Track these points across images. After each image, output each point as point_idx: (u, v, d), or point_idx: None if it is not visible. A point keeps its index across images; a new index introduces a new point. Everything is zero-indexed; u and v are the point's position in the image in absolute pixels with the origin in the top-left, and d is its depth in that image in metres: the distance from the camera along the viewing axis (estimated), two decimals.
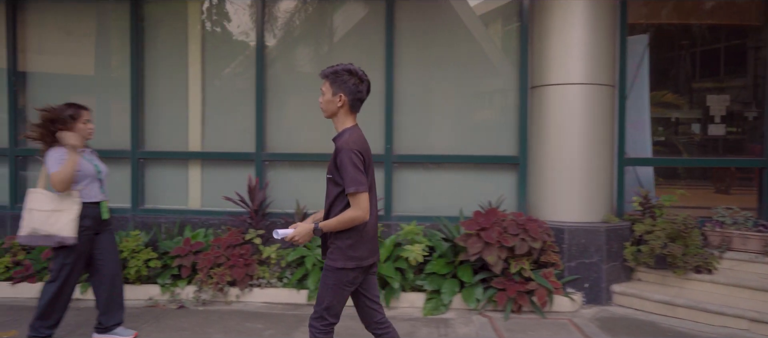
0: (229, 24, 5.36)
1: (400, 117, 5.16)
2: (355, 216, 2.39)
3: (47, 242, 3.27)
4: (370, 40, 5.20)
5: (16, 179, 5.41)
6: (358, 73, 2.52)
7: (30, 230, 3.27)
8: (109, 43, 5.43)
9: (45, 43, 5.47)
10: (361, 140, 2.48)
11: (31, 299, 4.64)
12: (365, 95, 2.56)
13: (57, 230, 3.22)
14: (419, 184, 5.20)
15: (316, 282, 4.46)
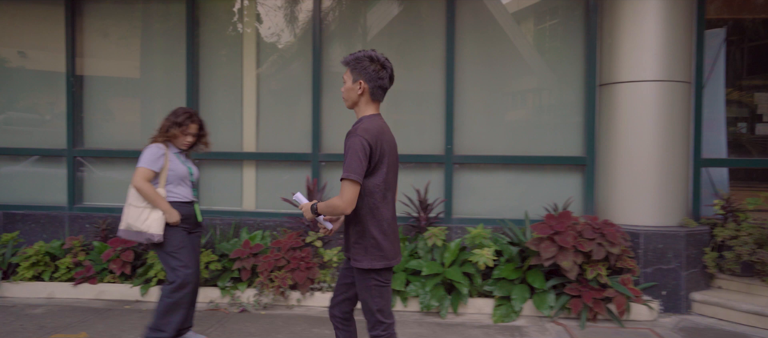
0: (284, 24, 5.28)
1: (461, 117, 5.01)
2: (336, 205, 2.26)
3: (139, 239, 3.25)
4: (430, 39, 5.06)
5: (74, 180, 5.42)
6: (380, 59, 2.39)
7: (126, 225, 3.28)
8: (164, 46, 5.40)
9: (101, 48, 5.48)
10: (378, 131, 2.32)
11: (92, 300, 4.64)
12: (388, 84, 2.40)
13: (146, 227, 3.20)
14: (480, 185, 5.04)
15: None
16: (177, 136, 3.32)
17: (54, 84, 5.46)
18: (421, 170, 5.08)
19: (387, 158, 2.33)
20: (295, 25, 5.27)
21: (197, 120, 3.40)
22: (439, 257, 4.51)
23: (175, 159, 3.35)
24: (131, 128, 5.48)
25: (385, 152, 2.32)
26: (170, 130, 3.31)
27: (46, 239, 5.36)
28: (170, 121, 3.32)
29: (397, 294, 4.38)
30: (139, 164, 3.25)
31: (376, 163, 2.28)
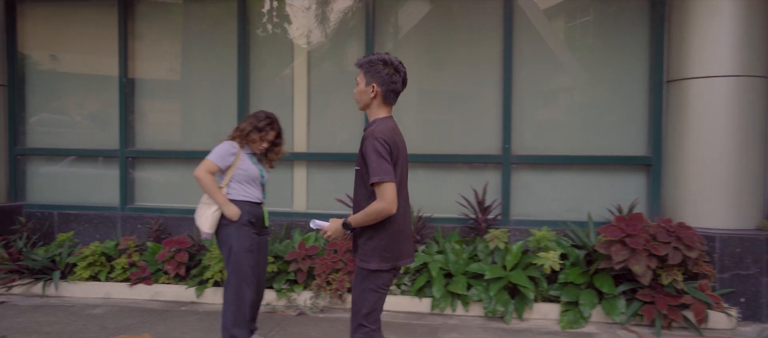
0: (336, 22, 5.20)
1: (519, 115, 4.85)
2: (380, 208, 2.22)
3: (201, 236, 3.25)
4: (488, 37, 4.91)
5: (126, 180, 5.44)
6: (393, 63, 2.37)
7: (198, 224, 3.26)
8: (215, 47, 5.37)
9: (152, 50, 5.48)
10: (392, 132, 2.32)
11: (149, 301, 4.63)
12: (401, 87, 2.39)
13: (200, 223, 3.18)
14: (539, 186, 4.87)
15: (441, 289, 4.21)
16: (255, 140, 3.26)
17: (105, 86, 5.49)
18: (476, 170, 4.94)
19: (401, 159, 2.34)
20: (346, 24, 5.18)
21: (277, 128, 3.34)
22: (501, 260, 4.36)
23: (247, 159, 3.28)
24: (182, 128, 5.46)
25: (400, 152, 2.33)
26: (250, 134, 3.25)
27: (98, 239, 5.39)
28: (252, 124, 3.26)
29: (458, 298, 4.25)
30: (207, 156, 3.20)
31: (393, 163, 2.28)
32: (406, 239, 2.38)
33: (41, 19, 5.60)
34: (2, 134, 5.50)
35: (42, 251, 5.02)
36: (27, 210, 5.54)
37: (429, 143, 5.00)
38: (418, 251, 4.57)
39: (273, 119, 3.32)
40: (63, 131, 5.63)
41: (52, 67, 5.65)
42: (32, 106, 5.65)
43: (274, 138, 3.34)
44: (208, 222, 3.19)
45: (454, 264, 4.40)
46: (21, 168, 5.66)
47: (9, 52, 5.53)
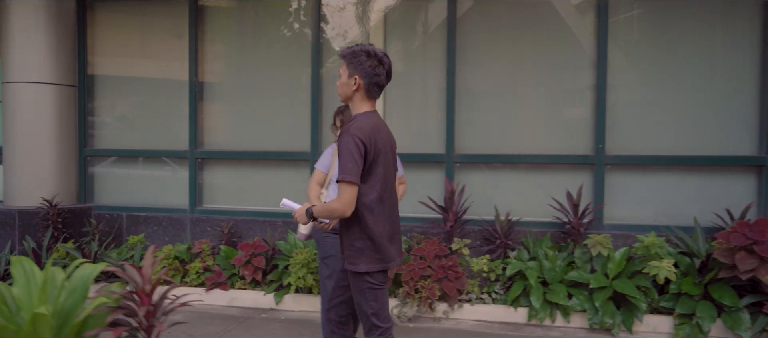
0: (414, 23, 4.97)
1: (614, 114, 4.54)
2: (335, 208, 2.18)
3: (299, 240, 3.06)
4: (582, 33, 4.62)
5: (196, 182, 5.31)
6: (377, 55, 2.29)
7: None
8: (286, 46, 5.21)
9: (222, 52, 5.35)
10: (372, 129, 2.23)
11: (226, 307, 4.47)
12: (384, 80, 2.31)
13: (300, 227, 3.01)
14: (635, 189, 4.54)
15: (540, 299, 3.93)
16: (335, 134, 3.09)
17: (175, 87, 5.39)
18: (567, 171, 4.64)
19: (383, 157, 2.26)
20: (426, 25, 4.95)
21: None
22: (601, 268, 4.06)
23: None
24: (252, 130, 5.31)
25: (380, 150, 2.24)
26: (332, 130, 3.10)
27: (168, 242, 5.27)
28: (340, 120, 3.07)
29: (556, 308, 3.97)
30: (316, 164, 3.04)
31: (372, 162, 2.22)
32: (393, 241, 2.33)
33: (111, 20, 5.53)
34: (72, 135, 5.44)
35: (115, 254, 4.93)
36: (95, 212, 5.47)
37: (515, 143, 4.73)
38: (508, 257, 4.31)
39: (342, 108, 3.09)
40: (132, 133, 5.55)
41: (121, 68, 5.57)
42: (101, 107, 5.59)
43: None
44: (308, 226, 2.99)
45: (548, 271, 4.12)
46: (90, 169, 5.60)
47: (79, 53, 5.48)
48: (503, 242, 4.36)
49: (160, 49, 5.47)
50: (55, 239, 5.04)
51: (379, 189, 2.25)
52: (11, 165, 5.19)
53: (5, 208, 5.09)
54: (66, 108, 5.35)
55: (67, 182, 5.40)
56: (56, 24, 5.19)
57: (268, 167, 5.23)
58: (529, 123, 4.77)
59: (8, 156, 5.19)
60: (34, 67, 5.13)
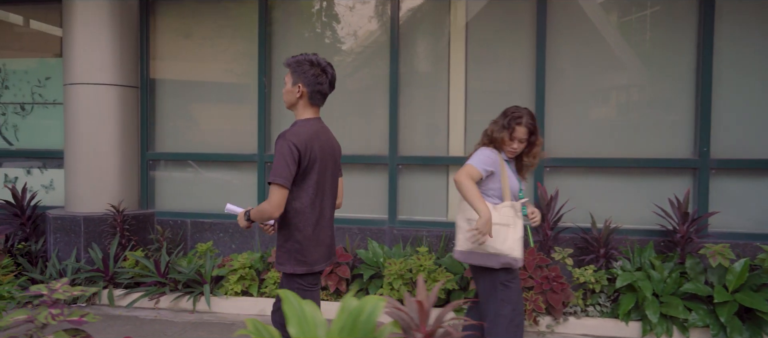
0: (498, 20, 4.73)
1: (720, 115, 4.28)
2: (265, 209, 2.28)
3: (487, 262, 2.66)
4: (684, 33, 4.37)
5: (265, 187, 5.10)
6: (320, 64, 2.40)
7: (471, 246, 2.67)
8: (367, 46, 4.99)
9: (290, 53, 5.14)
10: (310, 135, 2.32)
11: None
12: (327, 89, 2.42)
13: (508, 248, 2.63)
14: (742, 195, 4.29)
15: (656, 313, 3.68)
16: (504, 141, 2.73)
17: (241, 90, 5.18)
18: (666, 175, 4.39)
19: (319, 163, 2.33)
20: (511, 22, 4.71)
21: (527, 123, 2.71)
22: (717, 279, 3.80)
23: (509, 170, 2.77)
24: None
25: (316, 156, 2.31)
26: (495, 133, 2.73)
27: (235, 250, 5.06)
28: (498, 123, 2.75)
29: (671, 321, 3.71)
30: (468, 161, 2.73)
31: (306, 167, 2.30)
32: (319, 245, 2.40)
33: (174, 19, 5.33)
34: (134, 138, 5.24)
35: (184, 262, 4.72)
36: (159, 218, 5.26)
37: (609, 147, 4.48)
38: (612, 267, 4.06)
39: (521, 113, 2.71)
40: (196, 136, 5.34)
41: (185, 68, 5.37)
42: (164, 109, 5.38)
43: (525, 136, 2.73)
44: (520, 247, 2.66)
45: (658, 283, 3.87)
46: (152, 174, 5.40)
47: (142, 53, 5.28)
48: (604, 251, 4.11)
49: (226, 50, 5.26)
50: (123, 247, 4.84)
51: (310, 194, 2.33)
52: (73, 170, 4.99)
53: (69, 214, 4.89)
54: (129, 110, 5.15)
55: (130, 187, 5.19)
56: (119, 24, 4.99)
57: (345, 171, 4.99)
58: (624, 126, 4.51)
59: (70, 160, 4.99)
60: (96, 69, 4.93)
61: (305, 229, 2.34)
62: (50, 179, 5.56)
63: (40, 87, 5.55)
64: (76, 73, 4.94)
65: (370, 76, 4.98)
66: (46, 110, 5.55)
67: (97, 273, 4.64)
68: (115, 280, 4.65)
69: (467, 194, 2.60)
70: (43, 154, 5.54)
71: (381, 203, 4.90)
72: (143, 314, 4.33)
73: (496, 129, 2.74)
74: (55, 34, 5.59)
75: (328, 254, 2.48)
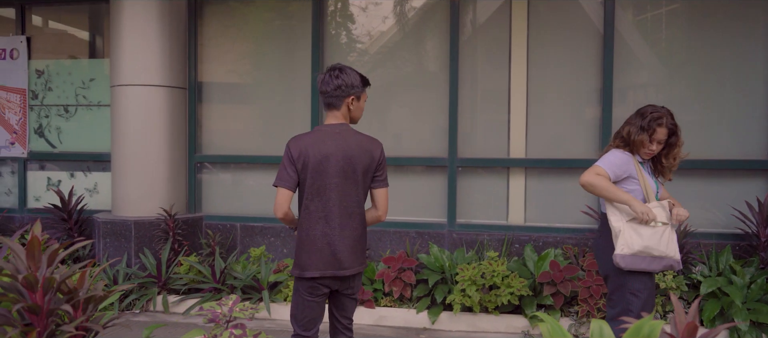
0: (560, 18, 4.60)
1: None
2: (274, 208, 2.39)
3: (651, 266, 2.51)
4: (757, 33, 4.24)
5: None
6: (324, 72, 2.42)
7: (637, 247, 2.49)
8: (425, 46, 4.88)
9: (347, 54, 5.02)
10: (309, 140, 2.35)
11: (374, 326, 4.12)
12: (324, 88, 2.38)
13: (672, 250, 2.51)
14: None
15: (746, 320, 3.54)
16: (643, 144, 2.57)
17: (293, 91, 5.06)
18: (739, 177, 4.26)
19: (314, 168, 2.32)
20: (572, 22, 4.58)
21: (668, 123, 2.56)
22: None
23: (645, 172, 2.65)
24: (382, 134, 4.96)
25: (309, 161, 2.31)
26: (633, 136, 2.57)
27: (287, 255, 4.94)
28: (635, 124, 2.59)
29: (761, 328, 3.58)
30: (597, 162, 2.60)
31: (301, 171, 2.33)
32: (316, 252, 2.35)
33: (223, 19, 5.22)
34: (182, 140, 5.13)
35: (239, 267, 4.60)
36: (207, 222, 5.14)
37: None
38: (692, 273, 3.92)
39: (661, 114, 2.56)
40: (245, 138, 5.22)
41: (234, 69, 5.26)
42: (213, 111, 5.27)
43: (665, 137, 2.57)
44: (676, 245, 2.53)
45: (741, 289, 3.73)
46: (199, 177, 5.28)
47: (190, 54, 5.17)
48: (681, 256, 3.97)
49: (276, 50, 5.15)
50: (175, 252, 4.72)
51: (306, 198, 2.34)
52: (121, 173, 4.88)
53: (119, 218, 4.77)
54: (177, 112, 5.03)
55: (178, 190, 5.08)
56: (168, 24, 4.88)
57: (400, 173, 4.87)
58: (696, 127, 4.38)
59: (118, 163, 4.88)
60: (144, 69, 4.81)
61: (302, 231, 2.38)
62: (94, 183, 5.45)
63: (84, 89, 5.44)
64: (124, 75, 4.82)
65: (429, 77, 4.86)
66: (90, 111, 5.45)
67: (150, 278, 4.53)
68: (169, 286, 4.54)
69: (605, 191, 2.49)
70: (87, 156, 5.43)
71: (440, 206, 4.77)
72: (200, 321, 4.20)
73: (634, 131, 2.58)
74: (98, 35, 5.49)
75: (329, 263, 2.35)
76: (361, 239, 2.42)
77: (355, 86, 2.38)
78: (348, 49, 5.01)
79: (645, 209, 2.46)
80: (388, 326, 4.11)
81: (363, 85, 2.42)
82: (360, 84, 2.40)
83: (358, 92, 2.40)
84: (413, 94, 4.90)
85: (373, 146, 2.40)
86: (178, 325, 4.12)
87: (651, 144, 2.58)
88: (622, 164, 2.57)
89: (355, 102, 2.40)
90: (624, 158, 2.59)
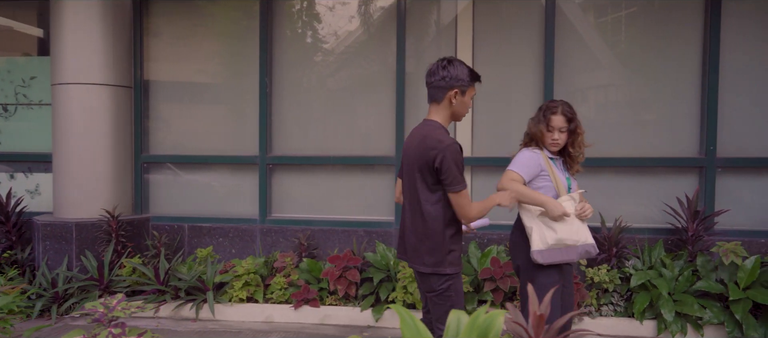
0: (506, 22, 4.70)
1: (726, 113, 4.33)
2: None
3: (567, 256, 2.59)
4: (692, 31, 4.41)
5: (266, 189, 4.95)
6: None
7: (551, 241, 2.57)
8: (374, 47, 4.90)
9: (292, 54, 5.01)
10: (406, 139, 2.51)
11: (319, 326, 4.13)
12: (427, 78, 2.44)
13: (583, 237, 2.60)
14: (745, 192, 4.35)
15: (672, 311, 3.69)
16: (543, 134, 2.68)
17: (241, 90, 5.03)
18: (673, 174, 4.43)
19: (403, 165, 2.49)
20: (519, 21, 4.69)
21: (563, 110, 2.65)
22: (727, 277, 3.84)
23: (556, 167, 2.72)
24: (329, 134, 4.97)
25: (403, 157, 2.49)
26: (532, 128, 2.70)
27: (236, 255, 4.91)
28: (534, 118, 2.71)
29: (686, 319, 3.73)
30: (509, 167, 2.68)
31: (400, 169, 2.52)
32: (403, 240, 2.51)
33: (170, 17, 5.14)
34: (128, 140, 5.03)
35: (184, 268, 4.54)
36: (154, 223, 5.06)
37: (613, 146, 4.49)
38: (624, 266, 4.06)
39: (555, 103, 2.67)
40: (193, 138, 5.16)
41: (181, 69, 5.18)
42: (159, 110, 5.18)
43: (564, 124, 2.64)
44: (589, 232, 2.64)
45: (670, 281, 3.89)
46: (146, 177, 5.19)
47: (135, 52, 5.07)
48: (615, 250, 4.12)
49: (224, 50, 5.10)
50: (118, 254, 4.63)
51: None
52: (63, 174, 4.76)
53: (59, 220, 4.65)
54: (122, 111, 4.94)
55: (124, 191, 4.98)
56: (111, 22, 4.78)
57: (346, 172, 4.90)
58: (632, 125, 4.53)
59: (59, 164, 4.76)
60: (87, 67, 4.71)
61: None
62: (36, 184, 5.30)
63: (25, 87, 5.28)
64: (66, 73, 4.71)
65: (375, 75, 4.89)
66: (31, 111, 5.29)
67: (91, 281, 4.43)
68: (111, 289, 4.45)
69: (522, 197, 2.57)
70: (28, 157, 5.27)
71: (388, 204, 4.81)
72: (143, 323, 4.14)
73: (532, 124, 2.71)
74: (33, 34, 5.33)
75: (406, 250, 2.50)
76: (425, 237, 2.37)
77: (461, 79, 2.36)
78: (296, 47, 5.00)
79: (561, 210, 2.54)
80: (333, 324, 4.13)
81: (471, 79, 2.40)
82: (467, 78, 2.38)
83: (462, 86, 2.37)
84: (360, 92, 4.92)
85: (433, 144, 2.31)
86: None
87: (552, 133, 2.67)
88: (532, 163, 2.66)
89: (458, 97, 2.39)
90: (533, 156, 2.68)
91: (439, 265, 2.36)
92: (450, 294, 2.41)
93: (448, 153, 2.26)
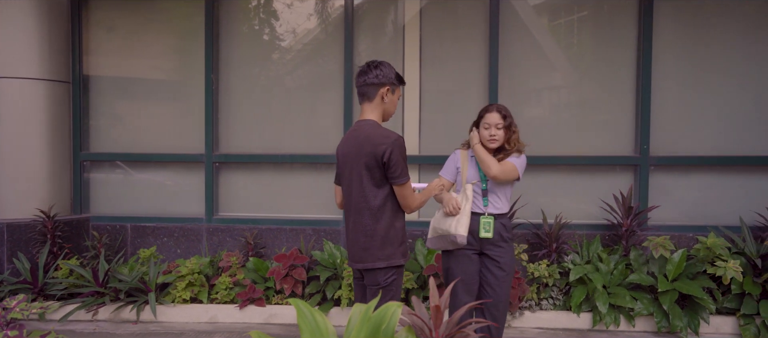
0: (451, 21, 4.77)
1: (658, 113, 4.54)
2: None
3: (440, 244, 2.82)
4: (624, 34, 4.59)
5: (213, 188, 4.86)
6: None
7: (432, 230, 2.84)
8: (323, 46, 4.88)
9: (239, 52, 4.94)
10: (342, 139, 2.55)
11: (265, 325, 4.09)
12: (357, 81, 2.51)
13: (454, 228, 2.69)
14: (676, 189, 4.57)
15: (606, 304, 3.84)
16: (479, 131, 2.87)
17: (186, 86, 4.92)
18: (610, 172, 4.61)
19: (340, 165, 2.53)
20: (464, 21, 4.77)
21: (498, 108, 2.81)
22: (658, 269, 4.03)
23: (470, 164, 2.88)
24: (275, 131, 4.92)
25: (338, 158, 2.54)
26: (471, 130, 2.91)
27: (180, 255, 4.80)
28: (474, 120, 2.93)
29: (619, 310, 3.90)
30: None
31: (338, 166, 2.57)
32: (350, 244, 2.52)
33: (110, 12, 4.97)
34: (66, 138, 4.84)
35: (126, 269, 4.41)
36: (94, 223, 4.89)
37: (554, 145, 4.64)
38: (563, 261, 4.20)
39: (491, 104, 2.93)
40: (135, 135, 5.00)
41: (122, 64, 5.02)
42: (100, 106, 5.01)
43: (499, 121, 2.77)
44: (464, 225, 2.71)
45: (606, 275, 4.05)
46: (86, 176, 5.00)
47: (74, 46, 4.88)
48: (555, 246, 4.25)
49: (168, 46, 4.98)
50: (55, 256, 4.45)
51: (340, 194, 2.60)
52: None
53: None
54: (59, 107, 4.75)
55: (61, 190, 4.79)
56: (46, 15, 4.59)
57: (294, 171, 4.87)
58: (571, 125, 4.69)
59: None
60: (20, 61, 4.52)
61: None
62: None
63: None
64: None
65: (325, 74, 4.88)
66: None
67: (24, 284, 4.24)
68: (46, 292, 4.27)
69: (428, 196, 2.68)
70: None
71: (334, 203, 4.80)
72: (80, 327, 4.00)
73: (471, 125, 2.93)
74: None
75: (354, 255, 2.49)
76: (375, 233, 2.42)
77: (391, 78, 2.47)
78: (242, 44, 4.93)
79: (454, 203, 2.71)
80: (279, 324, 4.10)
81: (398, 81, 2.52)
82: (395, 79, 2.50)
83: (393, 84, 2.49)
84: (305, 91, 4.89)
85: (380, 140, 2.37)
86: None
87: (489, 129, 2.79)
88: (449, 163, 2.95)
89: (389, 94, 2.48)
90: (453, 157, 2.96)
91: (392, 257, 2.44)
92: (392, 288, 2.47)
93: (396, 147, 2.35)
